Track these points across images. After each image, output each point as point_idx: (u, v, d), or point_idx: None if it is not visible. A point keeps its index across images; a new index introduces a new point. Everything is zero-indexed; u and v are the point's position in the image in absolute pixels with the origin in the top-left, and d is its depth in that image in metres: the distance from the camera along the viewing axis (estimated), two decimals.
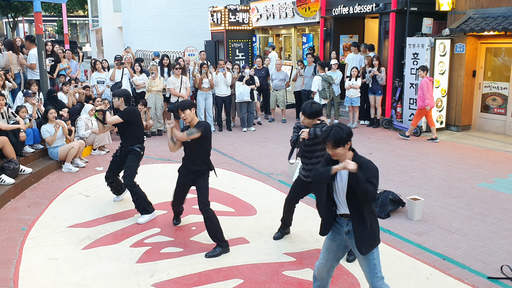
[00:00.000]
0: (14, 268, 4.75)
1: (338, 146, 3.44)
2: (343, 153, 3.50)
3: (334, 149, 3.47)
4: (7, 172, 6.85)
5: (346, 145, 3.48)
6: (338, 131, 3.43)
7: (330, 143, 3.46)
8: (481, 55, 10.76)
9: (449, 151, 9.29)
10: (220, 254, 5.00)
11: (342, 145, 3.45)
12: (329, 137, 3.46)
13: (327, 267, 3.80)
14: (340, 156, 3.50)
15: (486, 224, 5.83)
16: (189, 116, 5.09)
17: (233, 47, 17.97)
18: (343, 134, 3.43)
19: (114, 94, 6.14)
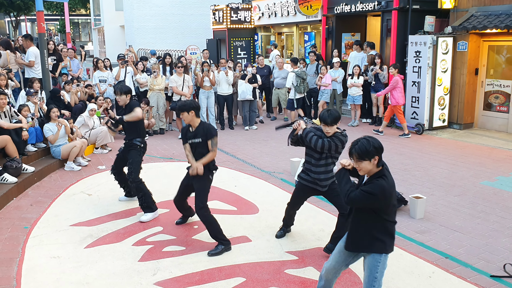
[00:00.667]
0: (17, 267, 4.76)
1: (363, 160, 3.25)
2: (369, 169, 3.30)
3: (359, 162, 3.28)
4: (10, 171, 6.87)
5: (373, 160, 3.26)
6: (365, 143, 3.25)
7: (355, 156, 3.28)
8: (483, 53, 10.73)
9: (451, 149, 9.27)
10: (222, 252, 5.00)
11: (368, 159, 3.25)
12: (354, 149, 3.28)
13: (335, 269, 3.73)
14: (366, 171, 3.32)
15: (488, 222, 5.82)
16: (187, 119, 5.05)
17: (235, 46, 17.95)
18: (369, 147, 3.23)
19: (121, 91, 6.02)
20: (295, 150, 9.35)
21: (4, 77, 8.45)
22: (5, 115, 7.47)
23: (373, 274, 3.46)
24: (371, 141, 3.27)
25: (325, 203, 6.52)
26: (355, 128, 11.36)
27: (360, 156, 3.25)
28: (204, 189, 5.09)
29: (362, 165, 3.28)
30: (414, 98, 10.95)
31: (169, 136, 10.88)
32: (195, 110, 5.04)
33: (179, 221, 5.84)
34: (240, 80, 11.24)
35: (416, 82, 10.86)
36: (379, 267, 3.46)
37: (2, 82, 8.32)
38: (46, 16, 34.58)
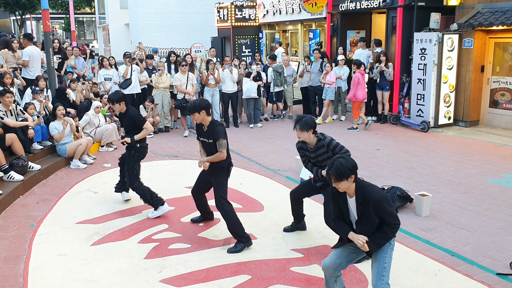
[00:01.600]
0: (24, 264, 4.79)
1: (341, 180, 3.38)
2: (347, 187, 3.44)
3: (338, 183, 3.41)
4: (16, 169, 6.90)
5: (350, 179, 3.40)
6: (339, 165, 3.36)
7: (333, 177, 3.40)
8: (489, 50, 10.66)
9: (457, 147, 9.24)
10: (242, 250, 4.99)
11: (345, 179, 3.38)
12: (331, 170, 3.39)
13: (335, 265, 3.76)
14: (345, 189, 3.46)
15: (495, 220, 5.80)
16: (198, 119, 5.00)
17: (239, 43, 17.94)
18: (345, 169, 3.35)
19: (112, 100, 5.85)
20: None
21: (9, 76, 8.49)
22: (11, 113, 7.50)
23: (382, 264, 3.57)
24: (345, 163, 3.37)
25: None
26: (360, 126, 11.33)
27: (338, 177, 3.37)
28: (222, 185, 5.09)
29: (341, 184, 3.41)
30: (420, 96, 10.90)
31: (174, 134, 10.90)
32: (205, 109, 4.97)
33: (196, 219, 5.80)
34: (245, 78, 11.23)
35: (421, 80, 10.81)
36: (387, 258, 3.58)
37: (8, 80, 8.36)
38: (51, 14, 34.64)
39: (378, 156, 8.70)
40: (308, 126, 4.60)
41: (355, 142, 9.71)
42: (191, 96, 10.38)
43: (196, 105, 4.94)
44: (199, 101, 5.02)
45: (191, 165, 8.24)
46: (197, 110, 4.91)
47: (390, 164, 8.15)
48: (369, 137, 10.19)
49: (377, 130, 10.87)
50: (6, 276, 4.54)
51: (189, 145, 9.72)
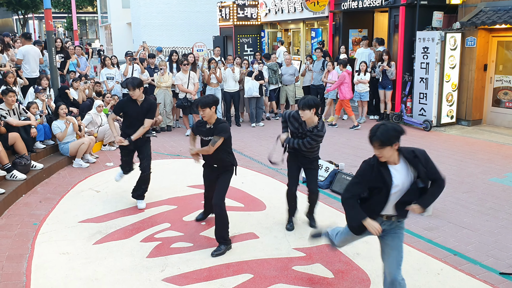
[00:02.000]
0: (27, 263, 4.80)
1: (385, 146, 3.16)
2: (390, 155, 3.22)
3: (381, 149, 3.18)
4: (19, 167, 6.91)
5: (394, 145, 3.18)
6: (386, 130, 3.16)
7: (376, 143, 3.18)
8: (492, 48, 10.64)
9: (459, 146, 9.22)
10: (225, 252, 4.98)
11: (389, 145, 3.16)
12: (375, 136, 3.17)
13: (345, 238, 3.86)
14: (388, 157, 3.24)
15: (497, 219, 5.78)
16: (208, 115, 4.85)
17: (241, 42, 17.93)
18: (391, 134, 3.14)
19: (133, 85, 5.84)
20: None
21: (12, 75, 8.50)
22: (14, 113, 7.52)
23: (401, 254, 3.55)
24: (391, 126, 3.19)
25: (332, 200, 6.52)
26: (362, 125, 11.32)
27: (382, 143, 3.16)
28: (226, 186, 5.04)
29: (384, 152, 3.20)
30: (422, 95, 10.89)
31: (176, 133, 10.90)
32: (216, 105, 4.88)
33: (200, 217, 5.78)
34: (247, 77, 11.23)
35: (424, 79, 10.80)
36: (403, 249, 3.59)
37: (10, 79, 8.37)
38: (53, 14, 34.71)
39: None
40: (310, 106, 4.83)
41: (357, 141, 9.71)
42: (193, 95, 10.38)
43: (208, 101, 4.81)
44: (210, 97, 4.90)
45: (193, 164, 8.18)
46: (208, 105, 4.79)
47: None
48: None
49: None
50: (9, 274, 4.55)
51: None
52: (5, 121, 7.23)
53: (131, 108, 5.99)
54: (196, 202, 6.38)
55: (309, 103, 4.83)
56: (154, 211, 6.13)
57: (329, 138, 10.09)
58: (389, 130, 3.17)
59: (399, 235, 3.52)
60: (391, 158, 3.26)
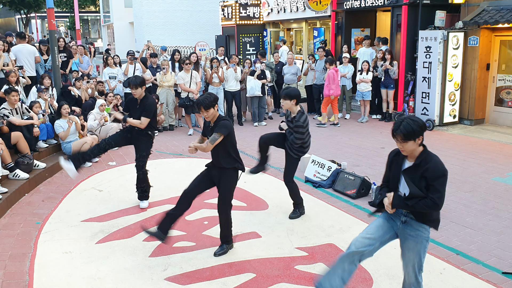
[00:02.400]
0: (29, 262, 4.81)
1: (408, 140, 3.22)
2: (413, 149, 3.27)
3: (404, 143, 3.24)
4: (22, 167, 6.93)
5: (417, 140, 3.24)
6: (409, 123, 3.21)
7: (399, 136, 3.23)
8: (495, 48, 10.61)
9: (462, 145, 9.20)
10: (227, 251, 4.98)
11: (412, 139, 3.22)
12: (399, 129, 3.23)
13: (367, 243, 3.60)
14: (410, 151, 3.29)
15: (500, 218, 5.77)
16: (211, 115, 4.71)
17: (244, 42, 17.93)
18: (415, 127, 3.20)
19: (135, 84, 5.87)
20: None
21: (14, 74, 8.52)
22: (16, 112, 7.54)
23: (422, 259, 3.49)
24: (416, 120, 3.24)
25: (335, 199, 6.52)
26: (365, 124, 11.31)
27: (405, 137, 3.22)
28: (228, 192, 4.84)
29: (407, 145, 3.26)
30: (425, 94, 10.87)
31: (178, 133, 10.91)
32: (216, 102, 4.74)
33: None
34: (249, 76, 11.22)
35: (426, 78, 10.78)
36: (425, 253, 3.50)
37: (13, 79, 8.39)
38: (56, 13, 34.77)
39: (383, 154, 8.68)
40: (290, 97, 5.32)
41: (359, 141, 9.70)
42: (195, 94, 10.38)
43: (211, 100, 4.63)
44: (210, 96, 4.69)
45: (195, 163, 8.24)
46: (212, 105, 4.63)
47: None
48: (374, 135, 10.17)
49: (382, 128, 10.85)
50: (12, 273, 4.57)
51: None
52: (8, 121, 7.25)
53: (132, 106, 6.11)
54: (199, 202, 6.37)
55: (290, 94, 5.34)
56: (157, 210, 6.14)
57: (331, 138, 10.09)
58: (412, 124, 3.22)
59: (421, 239, 3.43)
60: (412, 153, 3.33)
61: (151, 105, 5.99)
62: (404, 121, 3.25)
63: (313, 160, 7.35)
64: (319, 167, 7.21)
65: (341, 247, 5.07)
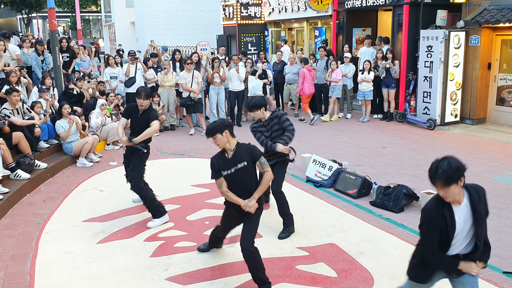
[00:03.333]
0: (31, 262, 4.82)
1: (450, 184, 2.80)
2: (457, 192, 2.86)
3: (446, 188, 2.81)
4: (23, 167, 6.94)
5: (460, 182, 2.82)
6: (448, 165, 2.80)
7: (440, 182, 2.81)
8: (496, 47, 10.59)
9: (463, 145, 9.19)
10: None
11: (455, 183, 2.81)
12: (437, 175, 2.81)
13: None
14: (454, 196, 2.87)
15: (501, 218, 5.76)
16: (221, 142, 4.02)
17: (245, 41, 17.94)
18: (454, 169, 2.79)
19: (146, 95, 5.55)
20: (306, 146, 9.33)
21: (15, 74, 8.53)
22: (18, 112, 7.55)
23: None
24: (452, 162, 2.83)
25: (336, 199, 6.52)
26: (366, 124, 11.31)
27: (447, 182, 2.80)
28: (255, 226, 4.24)
29: (450, 191, 2.84)
30: (426, 93, 10.85)
31: (179, 132, 10.91)
32: (229, 128, 4.04)
33: (202, 247, 4.97)
34: (250, 76, 11.22)
35: (427, 77, 10.76)
36: None
37: (13, 79, 8.40)
38: (57, 13, 34.78)
39: (384, 154, 8.68)
40: (258, 106, 5.24)
41: (361, 140, 9.69)
42: (196, 94, 10.39)
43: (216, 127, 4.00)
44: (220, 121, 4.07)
45: (196, 163, 8.25)
46: (217, 131, 3.97)
47: (396, 162, 8.13)
48: (375, 135, 10.16)
49: (383, 128, 10.84)
50: (13, 274, 4.58)
51: (195, 143, 9.73)
52: (9, 121, 7.26)
53: (134, 115, 5.76)
54: (200, 202, 6.39)
55: (256, 104, 5.24)
56: None
57: (332, 137, 10.08)
58: (451, 165, 2.83)
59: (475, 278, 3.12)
60: (456, 197, 2.91)
61: (156, 115, 5.74)
62: (440, 164, 2.85)
63: (314, 159, 7.34)
64: (320, 167, 7.21)
65: (342, 247, 5.07)
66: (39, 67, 10.15)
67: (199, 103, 10.59)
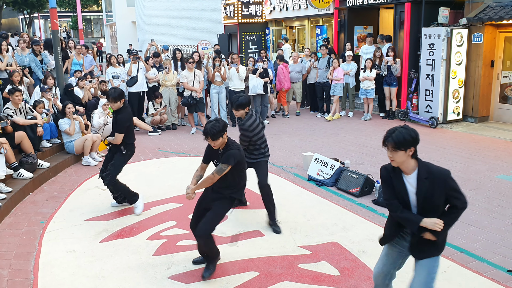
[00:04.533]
0: (34, 261, 4.83)
1: (398, 149, 3.06)
2: (402, 160, 3.11)
3: (394, 152, 3.07)
4: (25, 166, 6.95)
5: (409, 151, 3.07)
6: (402, 132, 3.07)
7: (390, 144, 3.08)
8: (499, 44, 10.56)
9: (466, 143, 9.17)
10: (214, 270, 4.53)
11: (403, 149, 3.06)
12: (390, 137, 3.08)
13: (383, 273, 3.52)
14: (400, 163, 3.13)
15: (505, 216, 5.75)
16: (220, 144, 4.27)
17: (246, 40, 17.92)
18: (407, 136, 3.05)
19: (114, 98, 5.64)
20: (307, 144, 9.33)
21: (18, 74, 8.54)
22: (20, 112, 7.55)
23: (431, 274, 3.31)
24: (409, 130, 3.09)
25: (338, 198, 6.51)
26: (368, 122, 11.29)
27: (396, 146, 3.06)
28: (217, 215, 4.39)
29: (397, 155, 3.10)
30: (428, 91, 10.83)
31: (181, 131, 10.92)
32: (226, 129, 4.28)
33: (197, 259, 4.76)
34: (251, 75, 11.20)
35: (430, 75, 10.74)
36: (436, 266, 3.33)
37: (16, 78, 8.41)
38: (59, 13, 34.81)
39: (386, 152, 8.65)
40: (243, 105, 5.34)
41: (363, 139, 9.68)
42: (198, 93, 10.39)
43: (219, 130, 4.15)
44: (219, 124, 4.19)
45: (198, 162, 8.22)
46: (220, 135, 4.18)
47: None
48: (377, 133, 10.15)
49: (385, 126, 10.82)
50: (17, 272, 4.58)
51: (196, 142, 9.73)
52: (12, 120, 7.27)
53: (113, 115, 5.99)
54: None
55: (242, 103, 5.32)
56: (160, 209, 6.15)
57: (334, 136, 10.07)
58: (405, 133, 3.08)
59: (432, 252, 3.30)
60: (403, 165, 3.15)
61: (123, 120, 5.74)
62: (396, 130, 3.11)
63: (316, 158, 7.33)
64: (322, 165, 7.20)
65: (344, 245, 5.06)
66: (39, 67, 10.14)
67: (201, 102, 10.60)
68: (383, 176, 3.33)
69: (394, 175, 3.24)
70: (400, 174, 3.21)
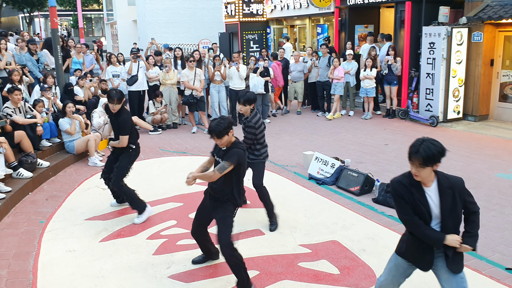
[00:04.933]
0: (33, 260, 4.83)
1: (426, 166, 2.89)
2: (427, 175, 2.95)
3: (422, 168, 2.90)
4: (25, 165, 6.95)
5: (435, 166, 2.92)
6: (430, 147, 2.86)
7: (418, 161, 2.88)
8: (499, 43, 10.55)
9: (466, 142, 9.16)
10: None
11: (431, 165, 2.90)
12: (418, 153, 2.87)
13: (392, 284, 3.40)
14: (424, 178, 2.97)
15: (504, 215, 5.75)
16: (226, 142, 4.13)
17: (247, 39, 17.91)
18: (436, 152, 2.87)
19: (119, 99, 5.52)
20: (308, 143, 9.33)
21: (18, 73, 8.54)
22: (19, 111, 7.56)
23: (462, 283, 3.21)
24: (436, 145, 2.90)
25: (338, 196, 6.51)
26: (368, 121, 11.29)
27: (424, 162, 2.88)
28: (227, 223, 4.22)
29: (423, 171, 2.92)
30: (428, 90, 10.82)
31: (182, 130, 10.92)
32: (232, 127, 4.15)
33: (197, 259, 4.76)
34: (252, 74, 11.20)
35: (430, 74, 10.73)
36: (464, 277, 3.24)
37: (16, 77, 8.41)
38: (59, 11, 34.83)
39: (387, 151, 8.66)
40: (250, 101, 5.44)
41: (363, 137, 9.68)
42: (199, 92, 10.38)
43: (224, 127, 4.04)
44: (224, 122, 4.07)
45: (199, 161, 8.24)
46: (226, 132, 4.05)
47: (398, 159, 8.11)
48: (378, 132, 10.14)
49: (386, 125, 10.82)
50: (16, 272, 4.59)
51: (197, 141, 9.73)
52: (11, 119, 7.27)
53: (111, 118, 5.85)
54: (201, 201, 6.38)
55: (250, 99, 5.41)
56: (160, 209, 6.15)
57: (335, 135, 10.07)
58: (433, 149, 2.90)
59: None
60: (426, 179, 3.00)
61: (124, 122, 5.64)
62: (423, 144, 2.90)
63: (317, 157, 7.34)
64: (322, 164, 7.20)
65: (344, 244, 5.06)
66: (36, 67, 10.14)
67: (202, 101, 10.60)
68: (400, 193, 3.07)
69: (415, 190, 3.04)
70: (421, 187, 3.04)
